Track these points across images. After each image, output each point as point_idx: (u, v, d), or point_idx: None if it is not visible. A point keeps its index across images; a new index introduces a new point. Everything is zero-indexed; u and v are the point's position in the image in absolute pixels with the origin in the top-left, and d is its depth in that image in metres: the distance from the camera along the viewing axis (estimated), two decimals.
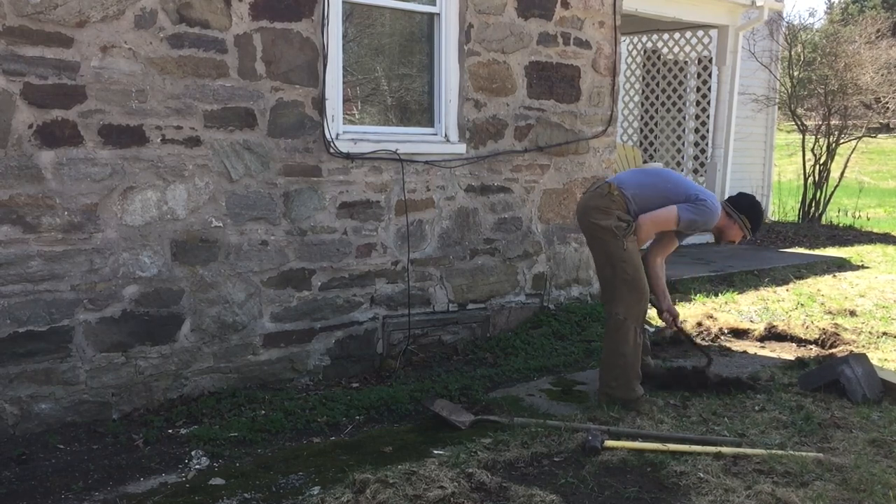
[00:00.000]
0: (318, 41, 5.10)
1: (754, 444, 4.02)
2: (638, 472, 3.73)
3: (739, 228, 4.89)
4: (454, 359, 5.76)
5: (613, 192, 4.69)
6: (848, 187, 15.62)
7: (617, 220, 4.63)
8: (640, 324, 4.68)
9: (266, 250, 5.01)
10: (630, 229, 4.65)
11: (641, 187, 4.73)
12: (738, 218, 4.86)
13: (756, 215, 4.93)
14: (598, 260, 4.84)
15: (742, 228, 4.89)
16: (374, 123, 5.84)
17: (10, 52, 4.06)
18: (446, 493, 3.37)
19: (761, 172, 14.01)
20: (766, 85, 13.52)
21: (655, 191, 4.73)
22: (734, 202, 4.96)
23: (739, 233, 4.92)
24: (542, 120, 6.36)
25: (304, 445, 4.21)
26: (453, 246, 5.94)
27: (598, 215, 4.69)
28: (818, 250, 10.55)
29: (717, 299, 7.49)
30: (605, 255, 4.71)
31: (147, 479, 3.77)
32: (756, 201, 5.04)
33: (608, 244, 4.66)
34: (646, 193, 4.71)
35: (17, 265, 4.17)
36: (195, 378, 4.79)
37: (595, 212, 4.71)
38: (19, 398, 4.22)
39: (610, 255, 4.66)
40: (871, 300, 7.53)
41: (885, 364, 5.50)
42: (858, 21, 15.85)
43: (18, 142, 4.12)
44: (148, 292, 4.59)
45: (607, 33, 6.69)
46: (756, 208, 4.96)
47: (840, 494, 3.46)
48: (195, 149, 4.69)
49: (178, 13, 4.56)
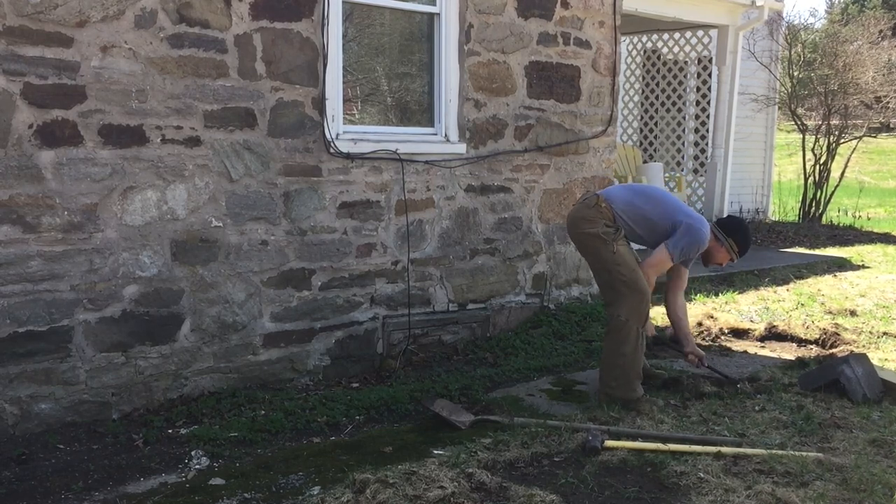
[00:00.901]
0: (318, 41, 5.10)
1: (754, 444, 4.02)
2: (638, 472, 3.73)
3: (726, 252, 4.92)
4: (454, 359, 5.76)
5: (601, 203, 4.76)
6: (848, 187, 15.61)
7: (604, 227, 4.69)
8: (641, 324, 4.68)
9: (266, 250, 5.01)
10: (619, 234, 4.70)
11: (630, 206, 4.78)
12: (725, 241, 4.89)
13: (744, 238, 4.94)
14: (594, 266, 4.91)
15: (729, 252, 4.92)
16: (374, 123, 5.83)
17: (10, 52, 4.06)
18: (446, 493, 3.37)
19: (761, 172, 14.01)
20: (766, 85, 13.51)
21: (642, 214, 4.76)
22: (722, 225, 4.99)
23: (726, 256, 4.95)
24: (542, 120, 6.36)
25: (304, 445, 4.21)
26: (453, 246, 5.94)
27: (584, 225, 4.77)
28: (818, 250, 10.55)
29: (718, 299, 7.49)
30: (599, 261, 4.76)
31: (147, 479, 3.77)
32: (745, 224, 5.05)
33: (599, 250, 4.72)
34: (634, 213, 4.76)
35: (17, 265, 4.17)
36: (195, 378, 4.79)
37: (582, 222, 4.79)
38: (19, 398, 4.22)
39: (603, 260, 4.71)
40: (871, 300, 7.53)
41: (885, 364, 5.49)
42: (859, 21, 15.84)
43: (18, 142, 4.12)
44: (148, 292, 4.59)
45: (607, 33, 6.69)
46: (744, 232, 4.96)
47: (840, 494, 3.46)
48: (195, 149, 4.69)
49: (178, 13, 4.56)
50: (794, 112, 13.47)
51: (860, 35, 13.83)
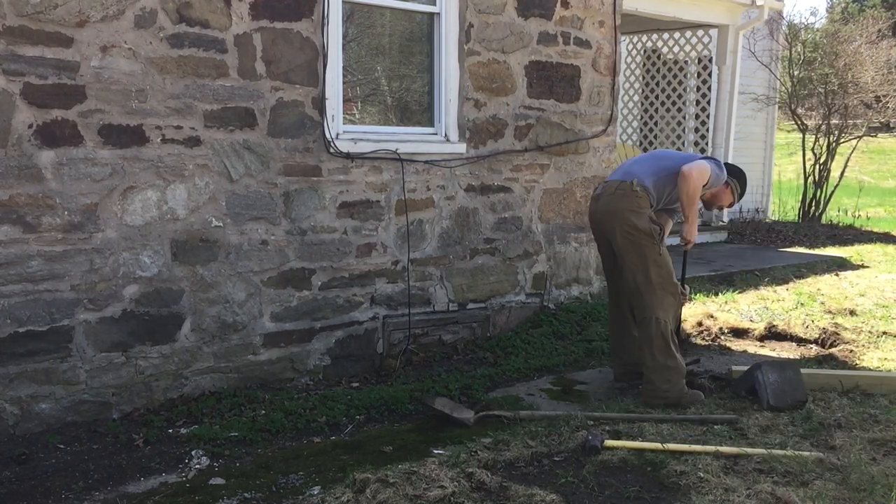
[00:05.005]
0: (318, 41, 5.10)
1: (754, 444, 4.02)
2: (638, 471, 3.73)
3: (731, 193, 5.12)
4: (454, 358, 5.76)
5: (637, 188, 4.66)
6: (848, 187, 15.61)
7: (650, 223, 4.64)
8: (674, 323, 4.75)
9: (266, 250, 5.01)
10: (663, 233, 4.73)
11: (655, 173, 4.74)
12: (731, 182, 5.06)
13: (743, 181, 5.19)
14: (632, 264, 4.69)
15: (733, 193, 5.12)
16: (374, 123, 5.84)
17: (10, 52, 4.06)
18: (446, 493, 3.38)
19: (761, 172, 14.01)
20: (767, 84, 13.51)
21: (666, 172, 4.75)
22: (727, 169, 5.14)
23: (730, 197, 5.16)
24: (543, 119, 6.36)
25: (304, 445, 4.21)
26: (453, 245, 5.94)
27: (633, 217, 4.63)
28: (818, 250, 10.55)
29: (718, 299, 7.49)
30: (641, 258, 4.64)
31: (147, 479, 3.78)
32: (741, 169, 5.31)
33: (645, 248, 4.63)
34: (660, 178, 4.74)
35: (17, 265, 4.17)
36: (195, 378, 4.79)
37: (629, 214, 4.64)
38: (19, 398, 4.22)
39: (645, 258, 4.63)
40: (871, 299, 7.53)
41: (884, 363, 5.50)
42: (859, 20, 15.84)
43: (18, 142, 4.12)
44: (148, 292, 4.59)
45: (607, 33, 6.69)
46: (742, 174, 5.21)
47: (840, 494, 3.46)
48: (195, 148, 4.69)
49: (178, 13, 4.56)
50: (794, 111, 13.47)
51: (859, 35, 13.82)
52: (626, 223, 4.66)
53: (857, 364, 5.52)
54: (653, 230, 4.63)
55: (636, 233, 4.64)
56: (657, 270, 4.62)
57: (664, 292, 4.64)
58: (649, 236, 4.63)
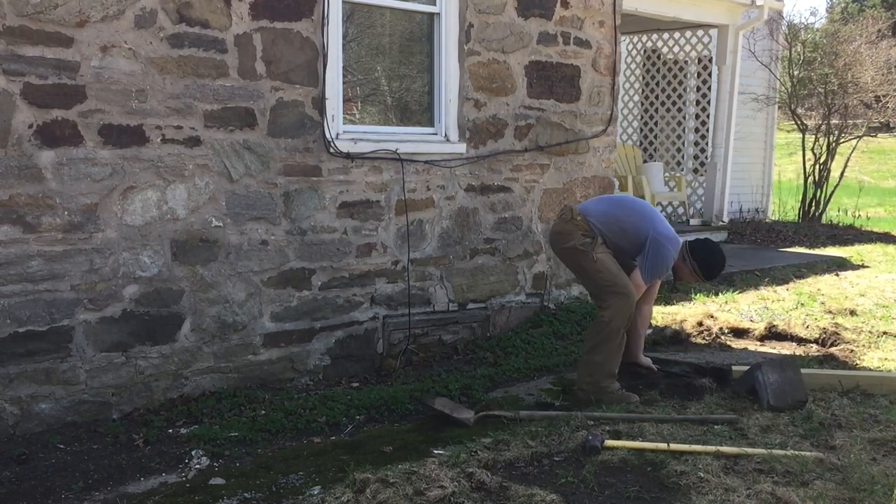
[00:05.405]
0: (318, 41, 5.10)
1: (754, 444, 4.02)
2: (638, 471, 3.73)
3: (690, 273, 4.97)
4: (454, 358, 5.76)
5: (576, 217, 4.87)
6: (848, 186, 15.61)
7: (581, 238, 4.81)
8: (625, 325, 4.78)
9: (266, 250, 5.01)
10: (596, 242, 4.78)
11: (606, 218, 4.88)
12: (691, 263, 4.93)
13: (706, 266, 4.94)
14: (579, 277, 5.17)
15: (692, 274, 4.97)
16: (374, 123, 5.84)
17: (10, 52, 4.06)
18: (446, 493, 3.37)
19: (761, 172, 14.01)
20: (766, 84, 13.51)
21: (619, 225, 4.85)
22: (691, 247, 4.97)
23: (691, 277, 5.03)
24: (543, 119, 6.36)
25: (304, 445, 4.21)
26: (453, 245, 5.94)
27: (562, 240, 4.93)
28: (818, 250, 10.55)
29: (718, 299, 7.49)
30: (582, 271, 4.92)
31: (147, 479, 3.77)
32: (716, 251, 5.01)
33: (580, 261, 4.86)
34: (611, 225, 4.85)
35: (17, 265, 4.17)
36: (195, 378, 4.79)
37: (559, 237, 4.96)
38: (19, 398, 4.22)
39: (586, 270, 4.85)
40: (871, 299, 7.53)
41: (884, 363, 5.50)
42: (858, 20, 15.84)
43: (18, 142, 4.12)
44: (148, 292, 4.59)
45: (607, 33, 6.69)
46: (709, 259, 4.94)
47: (840, 494, 3.46)
48: (195, 148, 4.69)
49: (178, 13, 4.56)
50: (793, 111, 13.47)
51: (859, 35, 13.82)
52: (559, 245, 4.98)
53: (858, 364, 5.52)
54: (581, 245, 4.79)
55: (565, 252, 4.93)
56: (599, 276, 4.78)
57: (608, 293, 4.76)
58: (577, 251, 4.82)
